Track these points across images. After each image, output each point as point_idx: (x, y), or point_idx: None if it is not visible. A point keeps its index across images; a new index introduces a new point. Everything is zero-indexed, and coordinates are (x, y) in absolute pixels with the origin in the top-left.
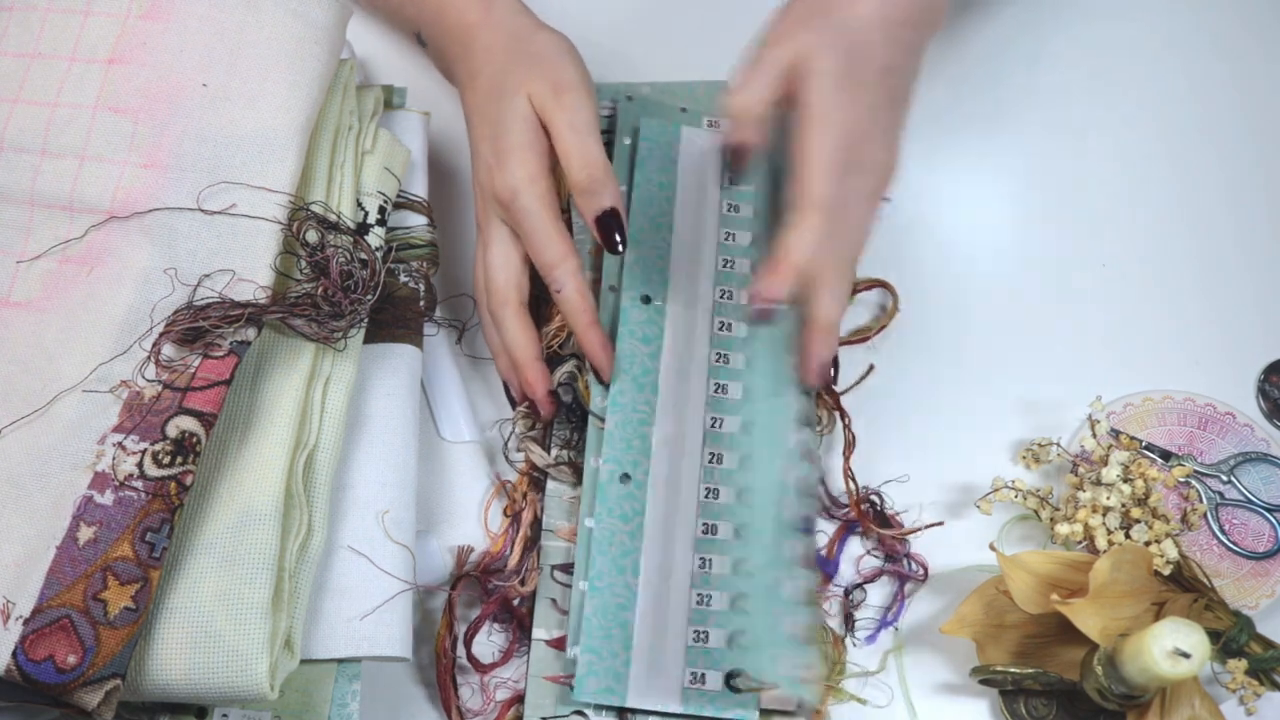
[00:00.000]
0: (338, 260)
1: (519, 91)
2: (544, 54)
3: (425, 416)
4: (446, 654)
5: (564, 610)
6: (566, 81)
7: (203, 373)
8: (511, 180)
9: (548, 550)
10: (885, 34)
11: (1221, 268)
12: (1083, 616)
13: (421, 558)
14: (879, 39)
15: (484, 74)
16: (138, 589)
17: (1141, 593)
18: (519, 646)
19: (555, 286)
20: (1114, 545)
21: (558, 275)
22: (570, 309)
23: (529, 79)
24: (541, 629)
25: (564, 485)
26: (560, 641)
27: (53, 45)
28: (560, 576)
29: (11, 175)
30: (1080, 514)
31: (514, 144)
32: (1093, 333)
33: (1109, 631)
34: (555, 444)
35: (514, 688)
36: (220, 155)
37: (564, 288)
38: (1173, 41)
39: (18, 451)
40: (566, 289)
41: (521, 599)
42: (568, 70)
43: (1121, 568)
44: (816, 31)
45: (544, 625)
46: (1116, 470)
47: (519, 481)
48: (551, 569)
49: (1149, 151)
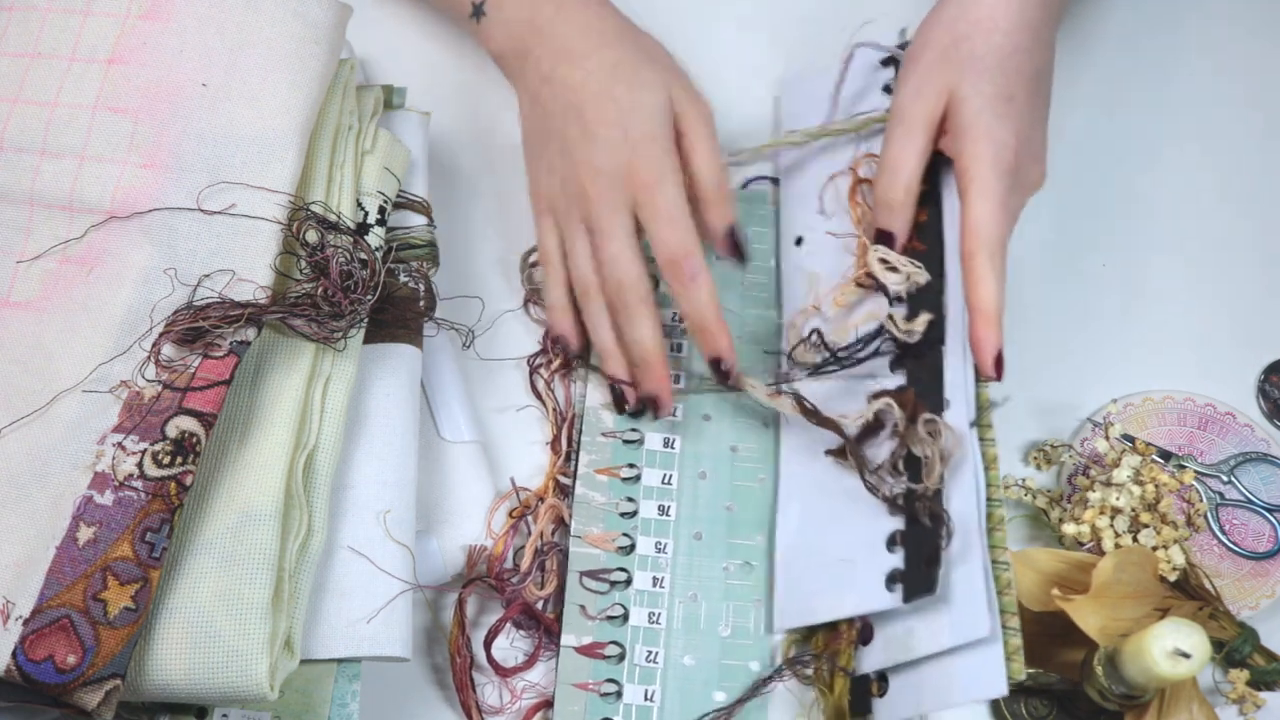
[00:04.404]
0: (338, 260)
1: (661, 89)
2: (663, 56)
3: (425, 416)
4: (461, 653)
5: (593, 616)
6: (695, 91)
7: (202, 373)
8: (657, 167)
9: (576, 556)
10: (1032, 38)
11: (1222, 268)
12: (1083, 614)
13: (421, 558)
14: (1026, 44)
15: (600, 62)
16: (138, 589)
17: (1145, 596)
18: (544, 651)
19: (691, 273)
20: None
21: (694, 263)
22: (703, 300)
23: (668, 78)
24: (571, 635)
25: (593, 491)
26: (589, 648)
27: (52, 45)
28: (589, 583)
29: (11, 175)
30: (1088, 514)
31: (654, 134)
32: (1093, 332)
33: (1109, 631)
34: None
35: (542, 692)
36: (220, 155)
37: (700, 274)
38: (1171, 41)
39: (18, 451)
40: (702, 277)
41: (544, 602)
42: (689, 79)
43: (1126, 569)
44: (958, 64)
45: (573, 631)
46: (1128, 472)
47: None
48: (580, 575)
49: (1149, 151)
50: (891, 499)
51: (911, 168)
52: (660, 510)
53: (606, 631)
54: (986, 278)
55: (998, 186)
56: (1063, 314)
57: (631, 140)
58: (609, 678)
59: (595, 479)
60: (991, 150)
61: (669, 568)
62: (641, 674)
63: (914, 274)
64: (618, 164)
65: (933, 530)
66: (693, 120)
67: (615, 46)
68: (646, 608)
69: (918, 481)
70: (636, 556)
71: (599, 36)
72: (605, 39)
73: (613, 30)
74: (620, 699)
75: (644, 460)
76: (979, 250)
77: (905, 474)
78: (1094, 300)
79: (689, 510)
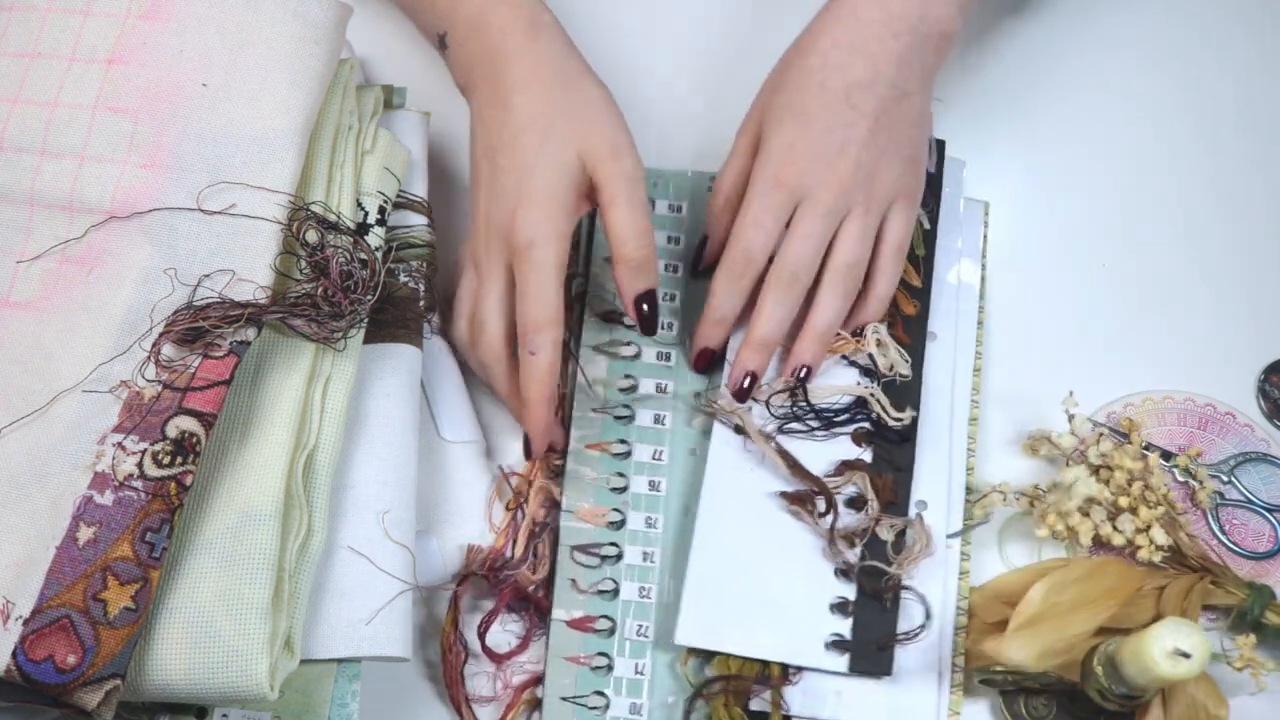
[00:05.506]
0: (338, 260)
1: (570, 143)
2: (594, 106)
3: (425, 416)
4: (453, 649)
5: (584, 590)
6: (622, 146)
7: (202, 373)
8: (533, 230)
9: (568, 530)
10: (849, 54)
11: (1222, 268)
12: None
13: (421, 558)
14: (839, 61)
15: (520, 107)
16: (138, 589)
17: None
18: (537, 631)
19: (532, 349)
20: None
21: (541, 340)
22: (536, 376)
23: (583, 133)
24: (562, 609)
25: (584, 466)
26: (580, 622)
27: (52, 45)
28: (580, 558)
29: (11, 175)
30: (1050, 519)
31: (546, 192)
32: (1093, 332)
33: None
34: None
35: (532, 669)
36: (220, 155)
37: (541, 352)
38: (1170, 41)
39: (18, 451)
40: (543, 355)
41: (536, 586)
42: (621, 132)
43: (1067, 588)
44: (773, 90)
45: (564, 606)
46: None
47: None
48: (571, 549)
49: (1148, 151)
50: (846, 568)
51: (729, 181)
52: (651, 486)
53: (597, 606)
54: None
55: (761, 195)
56: (1063, 314)
57: (521, 193)
58: (600, 651)
59: (586, 454)
60: (762, 164)
61: (660, 543)
62: (632, 648)
63: (897, 364)
64: (504, 216)
65: (890, 613)
66: (610, 179)
67: (544, 92)
68: (637, 582)
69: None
70: (627, 531)
71: (532, 81)
72: (538, 83)
73: (551, 76)
74: (611, 672)
75: (635, 436)
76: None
77: (867, 550)
78: (1094, 300)
79: (680, 486)
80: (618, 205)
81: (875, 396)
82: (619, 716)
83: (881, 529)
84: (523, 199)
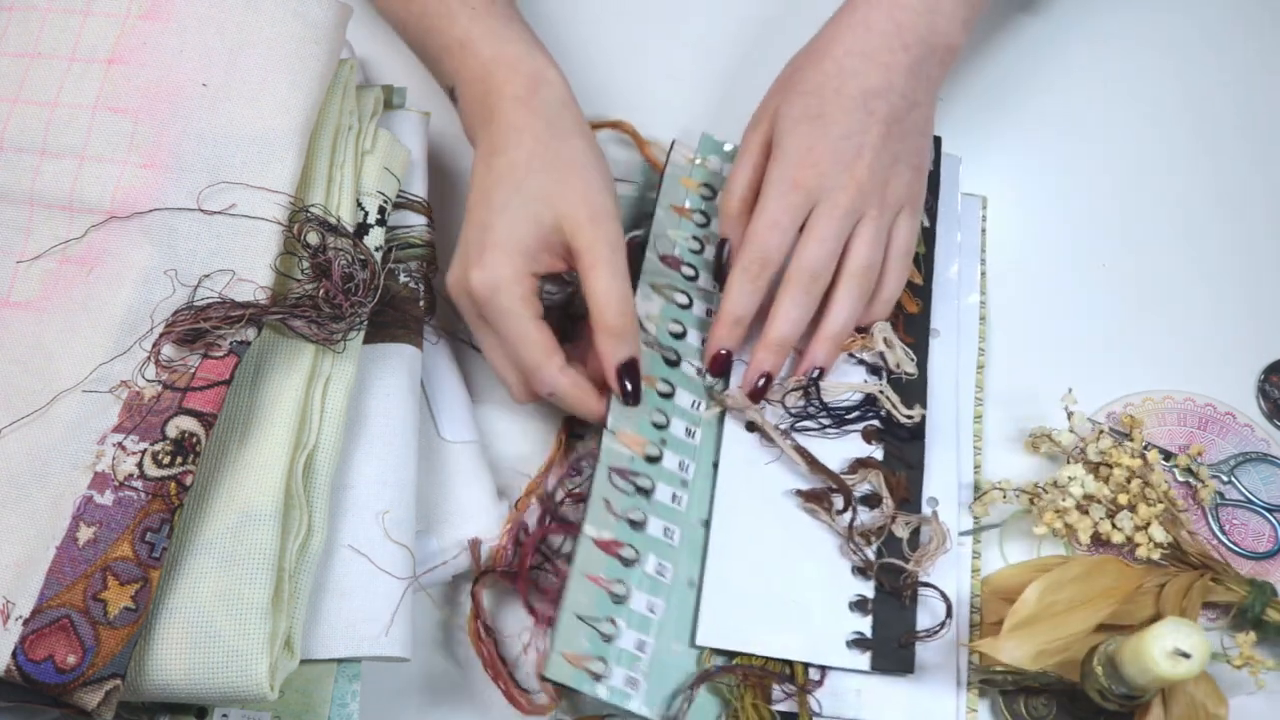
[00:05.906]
0: (340, 262)
1: (549, 205)
2: (578, 166)
3: (425, 416)
4: (483, 638)
5: (616, 514)
6: (601, 210)
7: (203, 373)
8: (492, 277)
9: (608, 451)
10: (863, 61)
11: (1222, 268)
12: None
13: (422, 558)
14: (854, 68)
15: (501, 161)
16: (138, 589)
17: (1103, 596)
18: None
19: (545, 390)
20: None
21: (544, 378)
22: (569, 403)
23: (563, 195)
24: (592, 527)
25: None
26: (608, 544)
27: (52, 45)
28: (618, 480)
29: (11, 175)
30: (1047, 517)
31: (509, 244)
32: (1093, 332)
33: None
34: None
35: None
36: (220, 155)
37: (555, 388)
38: (1169, 39)
39: (18, 451)
40: (558, 388)
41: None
42: (603, 194)
43: (1063, 588)
44: (785, 91)
45: (595, 524)
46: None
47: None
48: (610, 470)
49: (1148, 152)
50: (864, 566)
51: (742, 183)
52: (688, 433)
53: (625, 533)
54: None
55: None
56: (1063, 314)
57: (484, 245)
58: (619, 578)
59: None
60: (778, 166)
61: (690, 488)
62: (650, 584)
63: (903, 362)
64: (463, 270)
65: (909, 610)
66: (590, 245)
67: (528, 148)
68: (664, 521)
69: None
70: (663, 469)
71: (524, 135)
72: (529, 139)
73: (543, 131)
74: (626, 603)
75: (679, 381)
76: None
77: (884, 548)
78: (1094, 300)
79: (709, 443)
80: (598, 272)
81: (885, 394)
82: (625, 649)
83: (897, 526)
84: (482, 249)
